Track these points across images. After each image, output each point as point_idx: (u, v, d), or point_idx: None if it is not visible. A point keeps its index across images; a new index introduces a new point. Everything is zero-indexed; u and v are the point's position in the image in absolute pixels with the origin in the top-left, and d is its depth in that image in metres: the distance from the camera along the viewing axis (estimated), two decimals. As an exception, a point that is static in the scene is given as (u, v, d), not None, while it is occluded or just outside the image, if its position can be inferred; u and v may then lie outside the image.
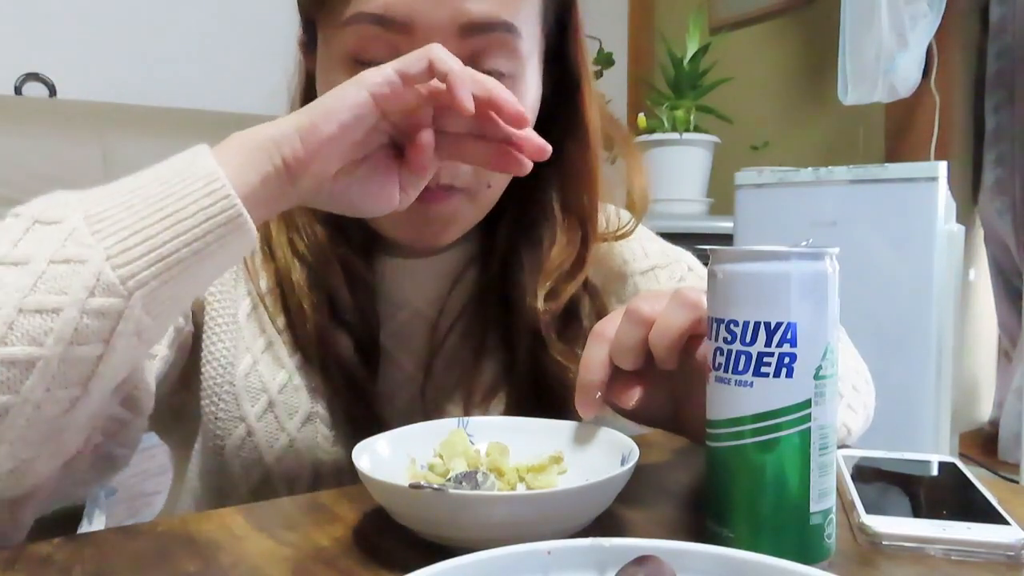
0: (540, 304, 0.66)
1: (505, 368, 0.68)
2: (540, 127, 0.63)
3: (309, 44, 0.64)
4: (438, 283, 0.70)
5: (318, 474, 0.64)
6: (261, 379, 0.64)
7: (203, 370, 0.65)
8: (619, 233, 0.73)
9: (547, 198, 0.69)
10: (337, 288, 0.65)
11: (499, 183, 0.63)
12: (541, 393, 0.66)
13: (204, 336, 0.65)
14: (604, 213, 0.74)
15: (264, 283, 0.67)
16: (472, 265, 0.71)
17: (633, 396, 0.49)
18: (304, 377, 0.64)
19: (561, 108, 0.64)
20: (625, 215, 0.75)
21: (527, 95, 0.60)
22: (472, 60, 0.55)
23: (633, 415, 0.58)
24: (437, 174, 0.57)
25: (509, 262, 0.69)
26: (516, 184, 0.64)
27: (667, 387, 0.52)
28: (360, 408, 0.63)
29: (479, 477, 0.49)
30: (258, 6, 2.13)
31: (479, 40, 0.56)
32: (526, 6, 0.58)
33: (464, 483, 0.48)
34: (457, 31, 0.54)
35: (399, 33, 0.54)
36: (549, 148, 0.50)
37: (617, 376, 0.50)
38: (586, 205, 0.69)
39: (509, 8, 0.56)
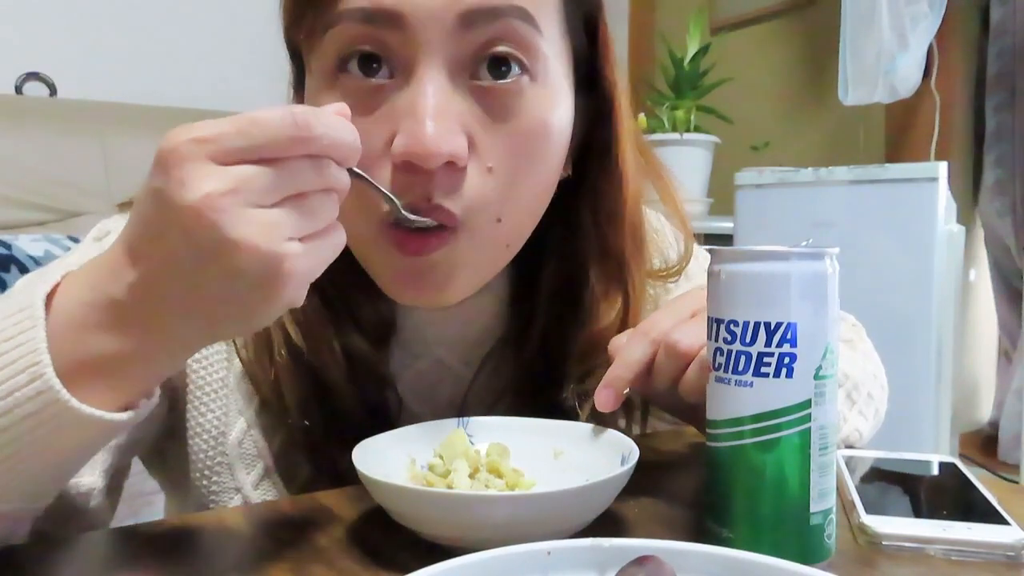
0: (570, 393, 0.59)
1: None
2: (574, 165, 0.57)
3: (298, 81, 0.57)
4: (464, 331, 0.61)
5: None
6: (256, 445, 0.58)
7: (191, 443, 0.58)
8: (669, 274, 0.65)
9: (586, 250, 0.59)
10: (344, 347, 0.57)
11: (515, 215, 0.52)
12: (536, 406, 0.60)
13: (189, 406, 0.58)
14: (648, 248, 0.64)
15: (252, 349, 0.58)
16: (502, 314, 0.62)
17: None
18: (306, 437, 0.57)
19: (594, 143, 0.57)
20: (667, 234, 0.69)
21: (552, 112, 0.51)
22: (482, 53, 0.48)
23: (666, 406, 0.57)
24: (428, 193, 0.47)
25: (549, 336, 0.61)
26: (555, 232, 0.58)
27: None
28: None
29: None
30: (259, 6, 2.13)
31: (487, 30, 0.47)
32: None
33: None
34: (457, 21, 0.46)
35: (389, 28, 0.46)
36: None
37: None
38: (627, 259, 0.60)
39: None
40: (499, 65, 0.48)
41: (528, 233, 0.55)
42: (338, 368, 0.57)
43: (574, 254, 0.60)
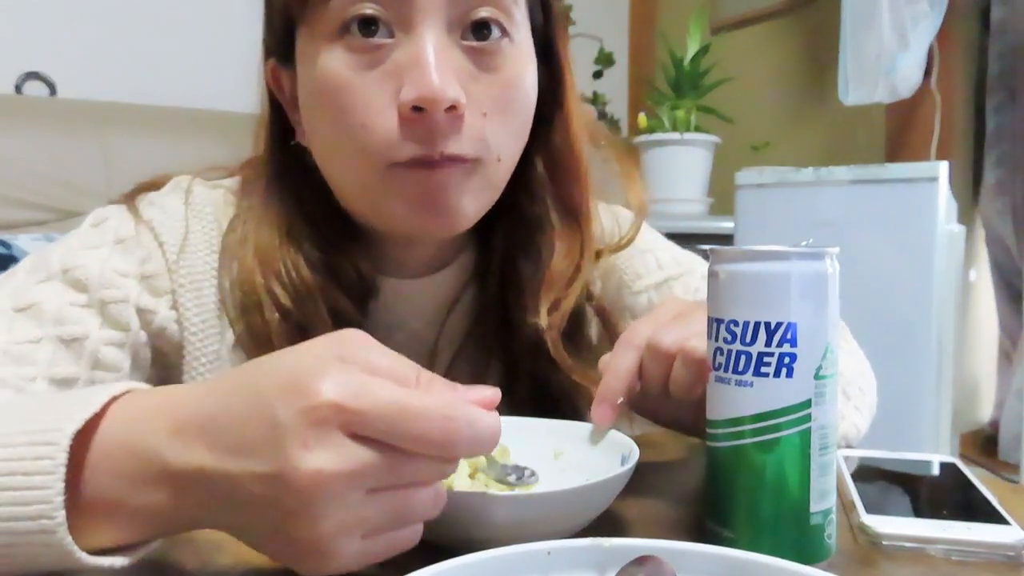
0: (543, 321, 0.63)
1: (507, 390, 0.66)
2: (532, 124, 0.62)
3: (284, 62, 0.61)
4: (436, 303, 0.67)
5: None
6: None
7: None
8: (621, 244, 0.70)
9: (542, 201, 0.66)
10: (329, 308, 0.60)
11: (509, 157, 0.59)
12: (544, 414, 0.62)
13: (186, 376, 0.61)
14: (606, 220, 0.72)
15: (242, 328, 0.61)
16: (470, 284, 0.68)
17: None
18: None
19: (546, 99, 0.62)
20: (627, 219, 0.73)
21: (520, 62, 0.58)
22: (463, 20, 0.54)
23: (664, 419, 0.58)
24: (436, 143, 0.53)
25: (507, 278, 0.66)
26: (509, 188, 0.62)
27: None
28: None
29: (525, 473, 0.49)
30: (258, 6, 2.13)
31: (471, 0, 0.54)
32: None
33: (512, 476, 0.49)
34: None
35: None
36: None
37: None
38: (580, 205, 0.67)
39: None
40: (483, 28, 0.55)
41: (508, 178, 0.61)
42: (325, 327, 0.58)
43: (530, 204, 0.66)
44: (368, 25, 0.53)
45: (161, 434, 0.36)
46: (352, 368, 0.35)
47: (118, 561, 0.37)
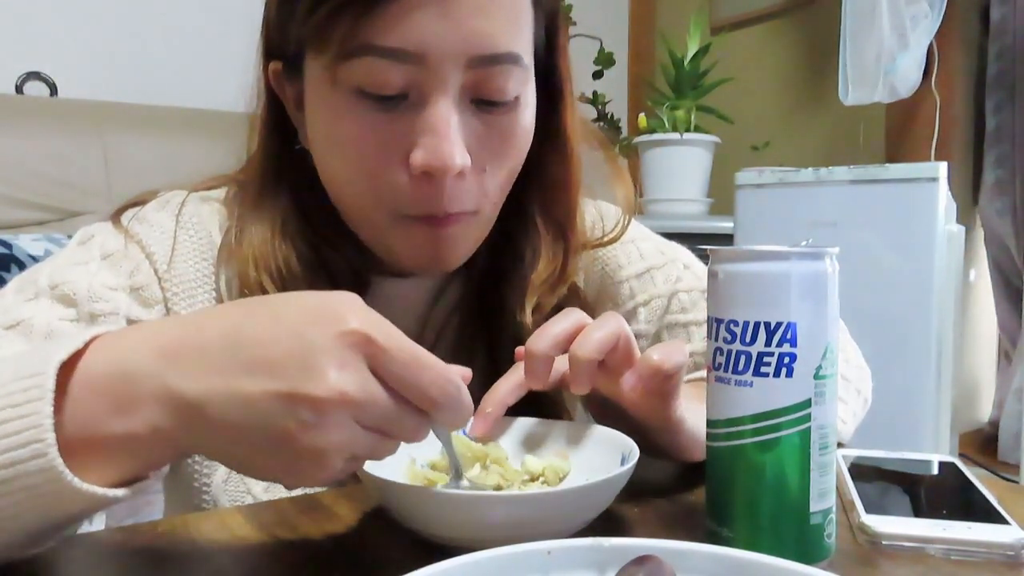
0: (528, 319, 0.65)
1: (490, 382, 0.68)
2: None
3: (291, 72, 0.61)
4: (424, 298, 0.69)
5: None
6: None
7: None
8: (604, 241, 0.72)
9: (529, 211, 0.68)
10: None
11: (501, 196, 0.61)
12: (528, 407, 0.62)
13: None
14: (589, 215, 0.73)
15: None
16: (455, 279, 0.70)
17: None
18: None
19: (542, 119, 0.63)
20: (611, 214, 0.75)
21: (525, 118, 0.60)
22: (476, 87, 0.55)
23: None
24: (442, 204, 0.56)
25: (490, 276, 0.68)
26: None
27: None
28: None
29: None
30: (259, 6, 2.12)
31: (486, 71, 0.55)
32: (526, 32, 0.57)
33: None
34: (466, 62, 0.54)
35: (410, 64, 0.53)
36: None
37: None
38: (566, 216, 0.68)
39: (515, 39, 0.56)
40: (495, 99, 0.56)
41: (503, 199, 0.63)
42: None
43: (517, 212, 0.67)
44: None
45: (151, 358, 0.38)
46: (372, 312, 0.38)
47: (121, 491, 0.38)
